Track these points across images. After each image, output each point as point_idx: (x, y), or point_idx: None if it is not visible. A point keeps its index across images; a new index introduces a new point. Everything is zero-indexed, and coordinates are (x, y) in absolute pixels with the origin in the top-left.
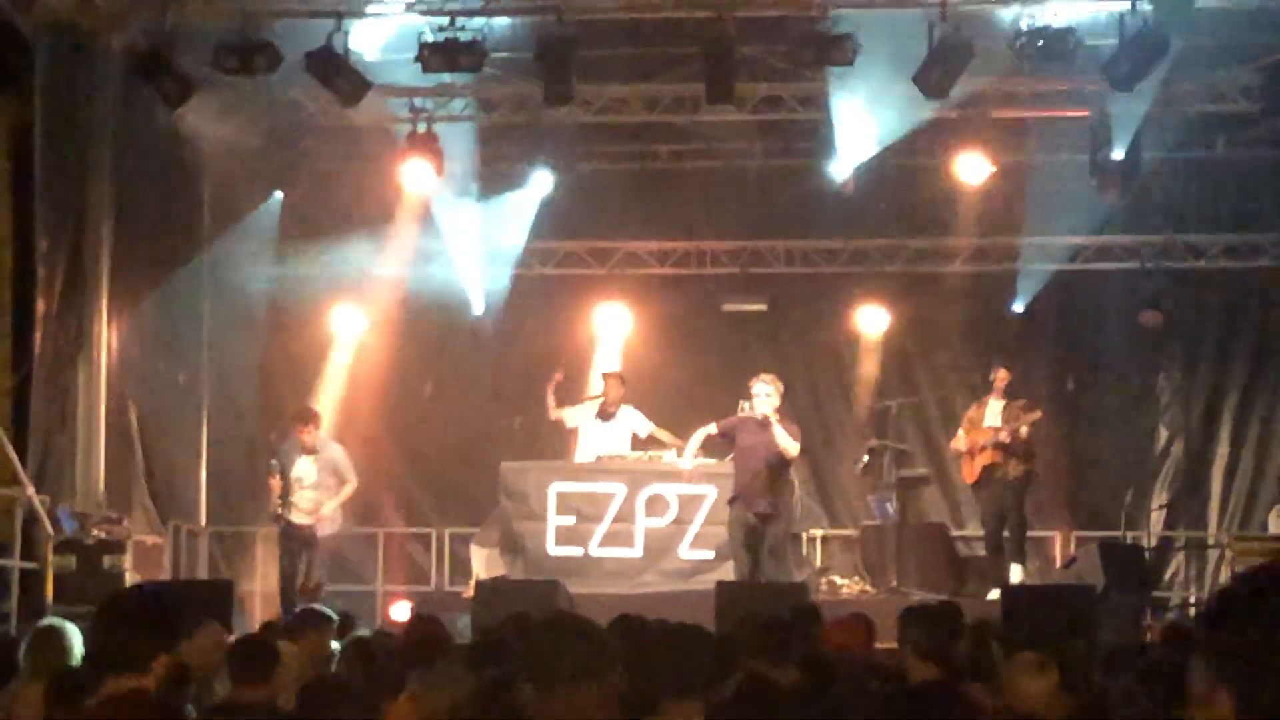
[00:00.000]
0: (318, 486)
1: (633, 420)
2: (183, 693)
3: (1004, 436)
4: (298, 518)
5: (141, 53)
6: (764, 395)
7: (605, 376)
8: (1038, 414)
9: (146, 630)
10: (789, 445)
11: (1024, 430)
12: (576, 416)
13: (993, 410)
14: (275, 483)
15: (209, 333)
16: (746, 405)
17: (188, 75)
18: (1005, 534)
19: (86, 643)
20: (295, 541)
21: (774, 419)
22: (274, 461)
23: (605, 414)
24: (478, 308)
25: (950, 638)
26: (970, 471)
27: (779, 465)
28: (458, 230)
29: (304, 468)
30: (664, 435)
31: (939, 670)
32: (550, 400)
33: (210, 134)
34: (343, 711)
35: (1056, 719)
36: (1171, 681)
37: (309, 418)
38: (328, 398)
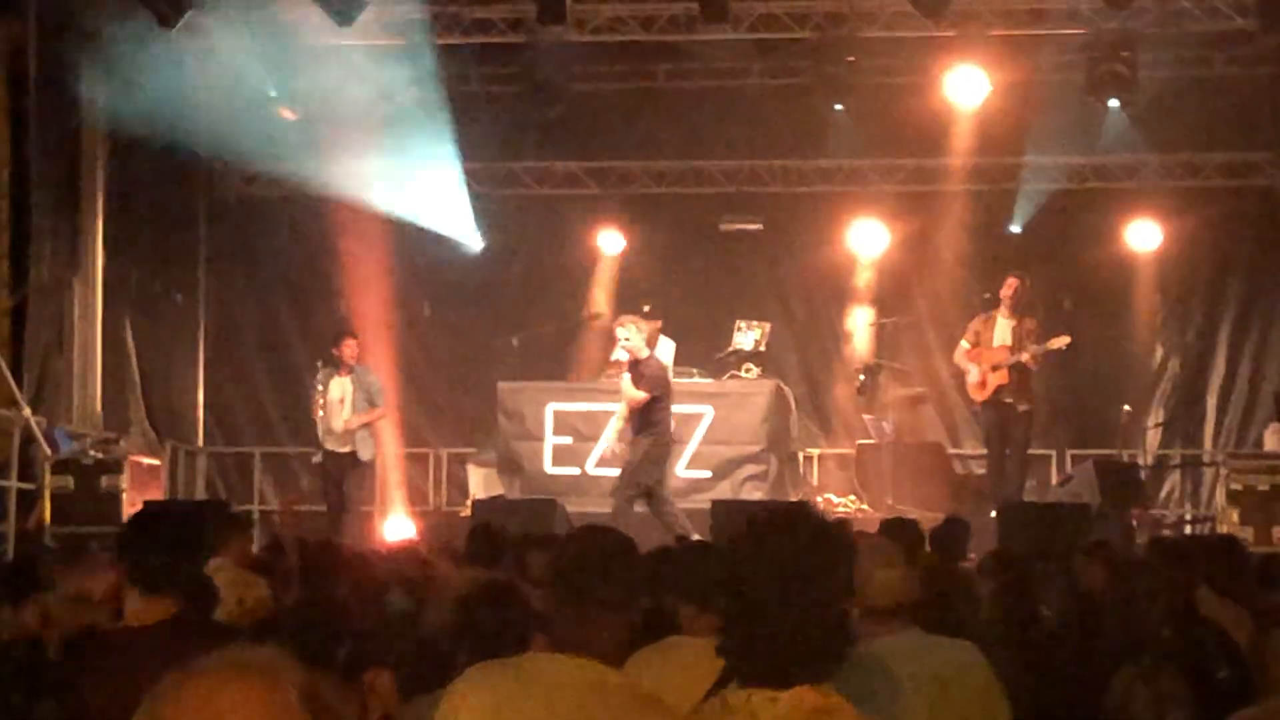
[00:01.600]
0: (354, 409)
1: (665, 350)
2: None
3: (1025, 359)
4: (334, 445)
5: None
6: (622, 339)
7: (645, 316)
8: (1067, 339)
9: (175, 550)
10: (627, 393)
11: (1028, 357)
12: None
13: (1002, 328)
14: (319, 408)
15: (206, 252)
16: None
17: None
18: (1008, 453)
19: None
20: (333, 470)
21: (626, 363)
22: (319, 385)
23: (648, 344)
24: (475, 226)
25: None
26: (980, 391)
27: (635, 410)
28: (453, 149)
29: (340, 388)
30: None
31: None
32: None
33: (206, 53)
34: None
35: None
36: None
37: (344, 335)
38: (325, 318)
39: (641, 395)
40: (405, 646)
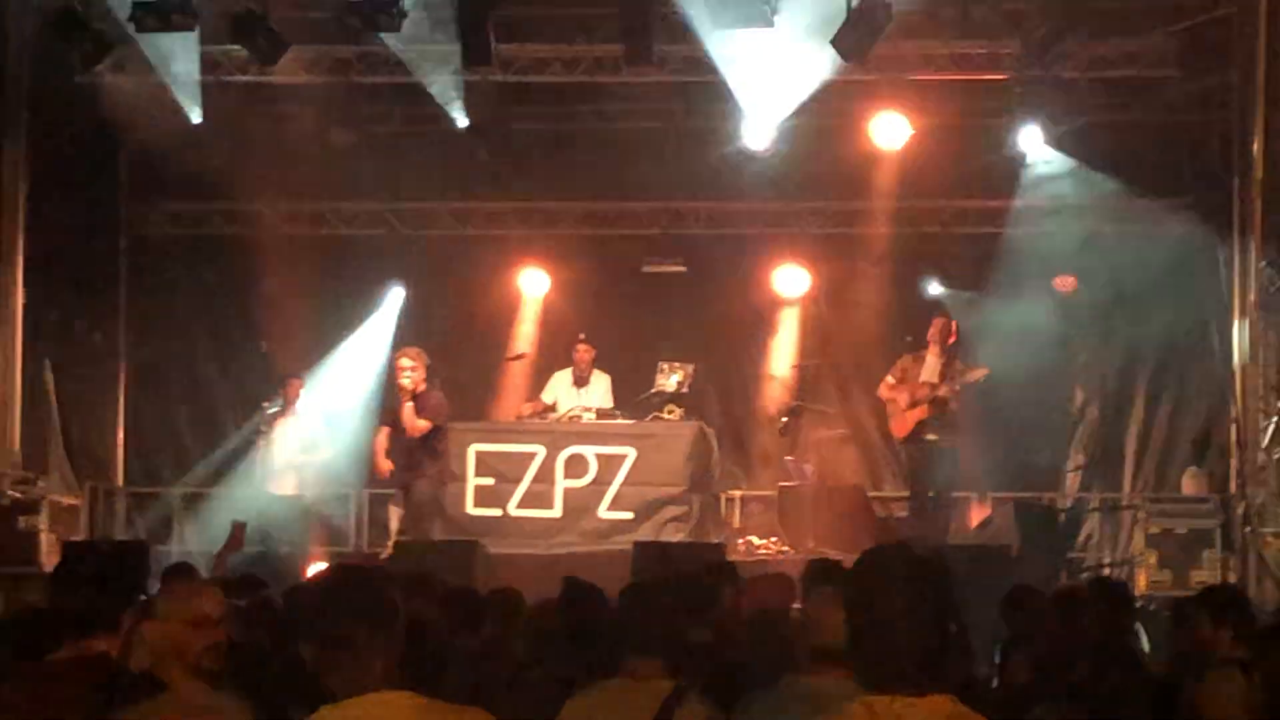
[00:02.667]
0: (301, 449)
1: (601, 387)
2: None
3: (943, 392)
4: (276, 487)
5: (58, 10)
6: (406, 370)
7: (576, 348)
8: (985, 370)
9: (111, 589)
10: (410, 422)
11: (955, 389)
12: (554, 391)
13: (929, 365)
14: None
15: (126, 292)
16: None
17: (104, 33)
18: (931, 495)
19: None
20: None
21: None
22: (262, 427)
23: (581, 380)
24: (398, 265)
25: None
26: (901, 426)
27: (417, 439)
28: (378, 188)
29: (285, 429)
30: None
31: None
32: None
33: (127, 93)
34: None
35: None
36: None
37: (290, 377)
38: (248, 357)
39: (424, 424)
40: None
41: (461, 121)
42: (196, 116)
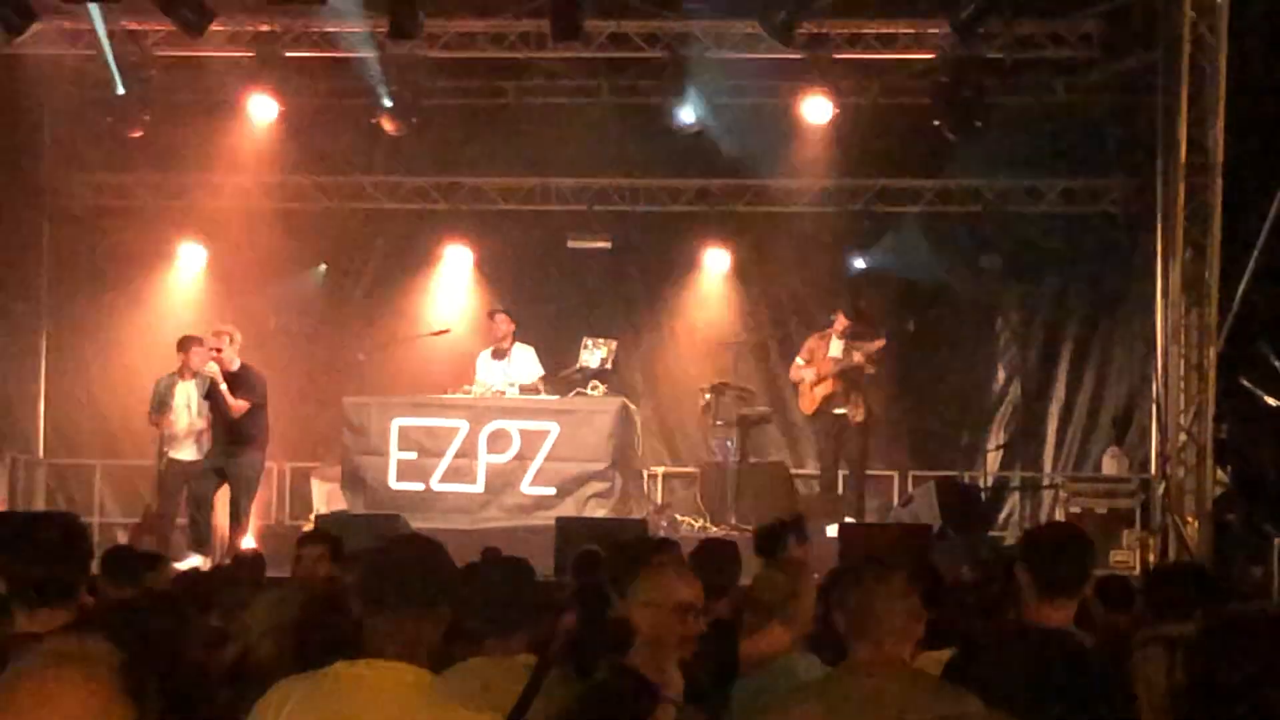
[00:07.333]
0: (199, 413)
1: (525, 357)
2: None
3: (857, 359)
4: (181, 454)
5: None
6: (216, 350)
7: (493, 314)
8: (881, 341)
9: (67, 561)
10: (230, 402)
11: (859, 357)
12: (480, 373)
13: (835, 347)
14: (157, 421)
15: (49, 262)
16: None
17: (30, 3)
18: (843, 473)
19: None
20: (176, 479)
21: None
22: (154, 398)
23: (499, 353)
24: (321, 241)
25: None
26: (810, 403)
27: (236, 420)
28: (301, 163)
29: (184, 393)
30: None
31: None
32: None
33: (52, 63)
34: None
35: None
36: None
37: (188, 344)
38: (171, 330)
39: (244, 404)
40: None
41: (386, 97)
42: (120, 88)
